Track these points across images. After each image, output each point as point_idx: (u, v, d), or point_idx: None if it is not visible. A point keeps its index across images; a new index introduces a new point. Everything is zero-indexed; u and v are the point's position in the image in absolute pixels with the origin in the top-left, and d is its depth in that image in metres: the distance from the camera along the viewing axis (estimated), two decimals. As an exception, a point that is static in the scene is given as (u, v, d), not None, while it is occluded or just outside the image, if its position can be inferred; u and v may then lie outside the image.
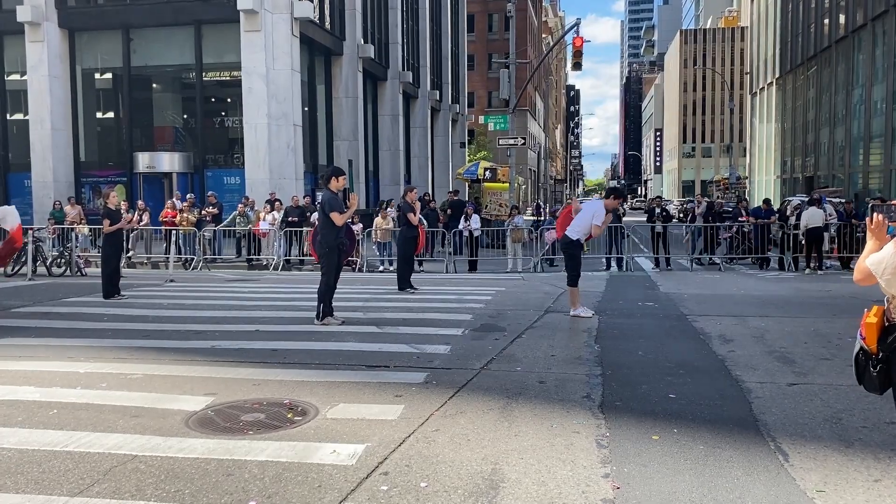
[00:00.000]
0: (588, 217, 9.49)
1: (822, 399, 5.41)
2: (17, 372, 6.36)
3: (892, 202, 3.25)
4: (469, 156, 53.39)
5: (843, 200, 21.30)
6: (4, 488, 3.82)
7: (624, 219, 20.16)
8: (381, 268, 17.63)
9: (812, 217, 16.23)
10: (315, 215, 14.54)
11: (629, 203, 74.74)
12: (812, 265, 16.17)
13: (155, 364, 6.66)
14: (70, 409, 5.20)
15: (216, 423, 4.90)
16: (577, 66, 26.80)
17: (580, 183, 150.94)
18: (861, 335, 3.30)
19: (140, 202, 20.64)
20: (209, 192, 21.56)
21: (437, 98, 45.19)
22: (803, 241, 16.54)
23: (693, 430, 4.72)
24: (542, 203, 54.03)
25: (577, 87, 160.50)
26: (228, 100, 26.12)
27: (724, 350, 7.23)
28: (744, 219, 18.24)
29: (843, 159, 39.68)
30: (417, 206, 13.39)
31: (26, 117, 25.81)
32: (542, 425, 4.82)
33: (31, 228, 16.71)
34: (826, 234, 16.80)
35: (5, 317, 9.56)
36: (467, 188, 40.28)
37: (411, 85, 39.21)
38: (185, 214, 18.69)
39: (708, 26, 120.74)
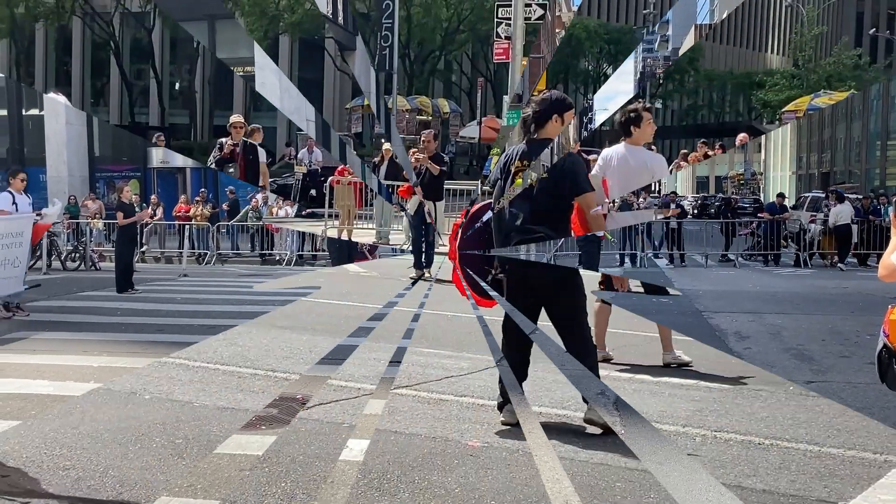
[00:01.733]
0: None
1: (841, 398, 5.31)
2: (30, 365, 6.36)
3: None
4: (481, 151, 53.22)
5: (860, 197, 20.96)
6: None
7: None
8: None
9: (841, 214, 16.08)
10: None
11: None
12: (833, 261, 16.02)
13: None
14: (83, 403, 5.19)
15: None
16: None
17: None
18: (884, 332, 3.21)
19: (153, 197, 20.66)
20: (228, 188, 21.52)
21: (450, 93, 45.06)
22: (820, 238, 16.35)
23: (709, 428, 4.64)
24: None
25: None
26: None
27: (740, 347, 7.12)
28: (762, 215, 18.01)
29: (859, 155, 39.19)
30: None
31: (41, 112, 25.92)
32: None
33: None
34: (855, 228, 16.62)
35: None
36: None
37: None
38: (198, 209, 18.67)
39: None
